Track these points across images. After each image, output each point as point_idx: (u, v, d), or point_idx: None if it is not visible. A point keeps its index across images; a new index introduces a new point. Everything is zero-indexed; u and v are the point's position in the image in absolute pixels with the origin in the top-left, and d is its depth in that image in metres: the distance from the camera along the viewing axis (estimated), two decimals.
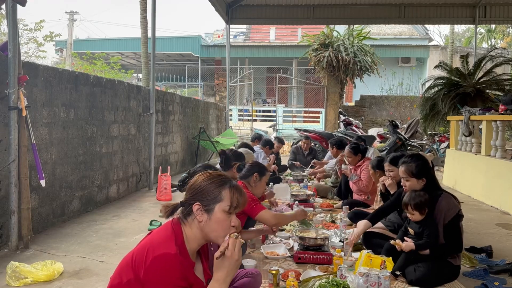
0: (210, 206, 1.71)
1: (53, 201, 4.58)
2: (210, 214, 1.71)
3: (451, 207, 3.03)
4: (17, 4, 3.77)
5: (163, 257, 1.60)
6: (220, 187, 1.74)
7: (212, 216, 1.71)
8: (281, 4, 11.78)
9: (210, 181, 1.76)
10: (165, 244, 1.64)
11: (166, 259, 1.60)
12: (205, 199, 1.72)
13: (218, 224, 1.71)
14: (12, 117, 3.73)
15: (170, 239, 1.66)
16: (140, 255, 1.64)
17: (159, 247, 1.63)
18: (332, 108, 14.56)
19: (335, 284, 2.62)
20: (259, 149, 6.81)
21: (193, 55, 19.93)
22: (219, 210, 1.72)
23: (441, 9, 11.54)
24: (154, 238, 1.71)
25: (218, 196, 1.73)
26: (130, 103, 6.52)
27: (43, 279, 3.12)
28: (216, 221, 1.71)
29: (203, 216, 1.71)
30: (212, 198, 1.72)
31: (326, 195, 6.18)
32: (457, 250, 3.04)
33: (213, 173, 1.83)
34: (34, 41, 17.44)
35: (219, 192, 1.73)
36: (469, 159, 7.16)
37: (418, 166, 3.16)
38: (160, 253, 1.60)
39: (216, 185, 1.74)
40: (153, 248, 1.63)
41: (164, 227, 1.76)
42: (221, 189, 1.74)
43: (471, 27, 24.43)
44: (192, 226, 1.73)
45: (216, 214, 1.71)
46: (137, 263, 1.63)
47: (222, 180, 1.78)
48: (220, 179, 1.78)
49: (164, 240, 1.66)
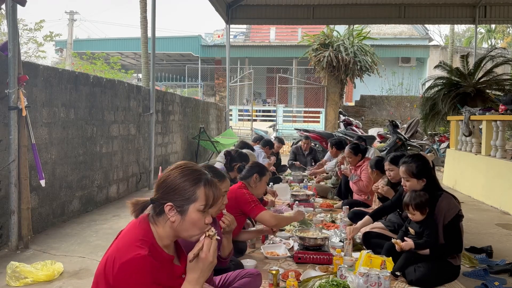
0: (184, 207, 1.57)
1: (53, 201, 4.58)
2: (183, 215, 1.57)
3: (451, 207, 3.03)
4: (17, 4, 3.77)
5: (131, 262, 1.47)
6: (194, 185, 1.59)
7: (186, 217, 1.57)
8: (281, 4, 11.78)
9: (184, 179, 1.60)
10: (131, 247, 1.50)
11: (133, 264, 1.47)
12: (178, 199, 1.57)
13: (192, 224, 1.59)
14: (12, 117, 3.72)
15: (137, 241, 1.53)
16: (109, 261, 1.52)
17: (125, 252, 1.50)
18: (332, 108, 14.56)
19: (335, 284, 2.62)
20: (259, 149, 6.81)
21: (193, 55, 19.93)
22: (194, 210, 1.58)
23: (441, 9, 11.54)
24: (120, 242, 1.57)
25: (192, 196, 1.58)
26: (130, 103, 6.52)
27: (43, 279, 3.12)
28: (190, 221, 1.58)
29: (176, 217, 1.57)
30: (186, 198, 1.58)
31: (326, 195, 6.19)
32: (457, 250, 3.04)
33: (186, 168, 1.64)
34: (34, 41, 17.44)
35: (194, 191, 1.58)
36: (469, 159, 7.16)
37: (419, 166, 3.16)
38: (127, 259, 1.47)
39: (190, 184, 1.59)
40: (119, 254, 1.50)
41: (131, 227, 1.62)
42: (195, 188, 1.59)
43: (471, 27, 24.44)
44: (164, 226, 1.59)
45: (191, 215, 1.58)
46: (107, 270, 1.51)
47: (197, 177, 1.62)
48: (195, 176, 1.62)
49: (130, 243, 1.53)
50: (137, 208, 1.63)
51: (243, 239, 3.54)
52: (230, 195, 3.09)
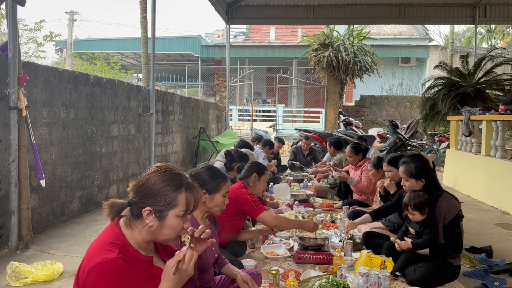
0: (163, 213, 1.53)
1: (53, 201, 4.58)
2: (162, 221, 1.53)
3: (452, 207, 3.03)
4: (17, 4, 3.77)
5: (98, 266, 1.43)
6: (175, 191, 1.55)
7: (164, 223, 1.54)
8: (281, 4, 11.78)
9: (165, 184, 1.55)
10: (100, 251, 1.47)
11: (101, 268, 1.43)
12: (158, 204, 1.53)
13: (171, 229, 1.55)
14: (12, 117, 3.73)
15: (107, 245, 1.49)
16: (81, 267, 1.49)
17: (94, 256, 1.46)
18: (332, 108, 14.56)
19: (335, 284, 2.62)
20: (259, 149, 6.81)
21: (193, 55, 19.93)
22: (173, 216, 1.54)
23: (441, 9, 11.54)
24: (91, 246, 1.53)
25: (173, 201, 1.54)
26: (130, 103, 6.52)
27: (43, 279, 3.12)
28: (169, 227, 1.55)
29: (154, 222, 1.53)
30: (166, 204, 1.53)
31: (326, 195, 6.18)
32: (457, 250, 3.05)
33: (167, 172, 1.59)
34: (34, 41, 17.45)
35: (174, 197, 1.54)
36: (469, 159, 7.16)
37: (418, 167, 3.16)
38: (95, 263, 1.43)
39: (171, 189, 1.55)
40: (89, 258, 1.47)
41: (103, 231, 1.58)
42: (176, 193, 1.55)
43: (471, 27, 24.42)
44: (141, 230, 1.55)
45: (169, 221, 1.54)
46: (79, 276, 1.48)
47: (178, 182, 1.57)
48: (176, 181, 1.57)
49: (100, 247, 1.49)
50: (114, 210, 1.57)
51: (243, 239, 3.54)
52: (230, 195, 3.08)
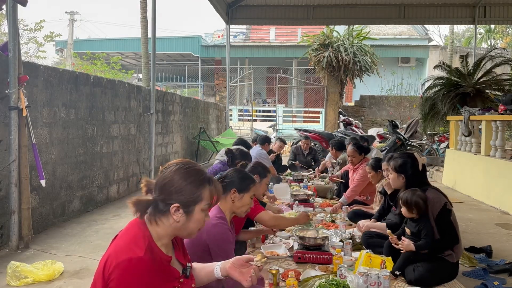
0: (190, 208, 1.61)
1: (54, 201, 4.58)
2: (189, 216, 1.62)
3: (436, 201, 3.06)
4: (17, 4, 3.78)
5: (126, 262, 1.47)
6: (200, 186, 1.64)
7: (191, 218, 1.62)
8: (281, 4, 11.78)
9: (190, 180, 1.63)
10: (128, 247, 1.51)
11: (128, 264, 1.47)
12: (185, 200, 1.61)
13: (196, 223, 1.65)
14: (13, 117, 3.73)
15: (135, 242, 1.53)
16: (108, 261, 1.51)
17: (122, 252, 1.50)
18: (332, 108, 14.56)
19: (335, 284, 2.63)
20: (261, 150, 6.79)
21: (193, 55, 19.93)
22: (198, 210, 1.64)
23: (441, 9, 11.55)
24: (119, 242, 1.57)
25: (198, 197, 1.63)
26: (131, 103, 6.52)
27: (43, 278, 3.13)
28: (195, 221, 1.64)
29: (182, 217, 1.60)
30: (192, 199, 1.62)
31: (326, 195, 6.18)
32: (453, 242, 3.03)
33: (190, 168, 1.67)
34: (34, 41, 17.43)
35: (200, 192, 1.64)
36: (469, 159, 7.16)
37: (401, 163, 3.30)
38: (123, 259, 1.48)
39: (196, 184, 1.64)
40: (117, 253, 1.51)
41: (129, 227, 1.62)
42: (201, 188, 1.64)
43: (470, 27, 24.44)
44: (167, 226, 1.61)
45: (196, 215, 1.63)
46: (105, 270, 1.50)
47: (201, 178, 1.67)
48: (199, 176, 1.67)
49: (128, 243, 1.53)
50: (141, 207, 1.60)
51: (243, 239, 3.54)
52: None
